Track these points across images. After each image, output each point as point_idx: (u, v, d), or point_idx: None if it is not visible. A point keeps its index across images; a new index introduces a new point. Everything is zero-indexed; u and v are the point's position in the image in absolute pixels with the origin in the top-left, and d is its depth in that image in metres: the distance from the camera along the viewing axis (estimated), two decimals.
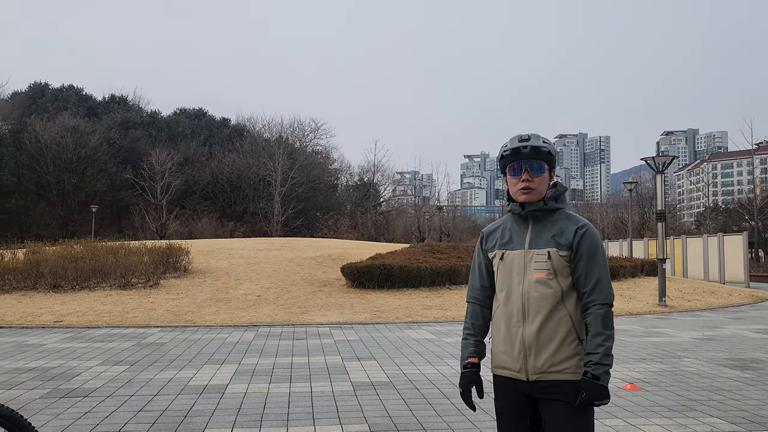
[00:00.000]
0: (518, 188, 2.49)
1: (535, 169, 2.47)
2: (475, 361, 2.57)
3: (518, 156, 2.48)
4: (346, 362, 7.88)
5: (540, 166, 2.48)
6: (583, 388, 2.32)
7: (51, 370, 7.29)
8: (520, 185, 2.48)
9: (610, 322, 2.38)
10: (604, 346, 2.34)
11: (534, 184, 2.47)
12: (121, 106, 67.05)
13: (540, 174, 2.48)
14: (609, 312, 2.39)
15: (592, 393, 2.31)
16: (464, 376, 2.55)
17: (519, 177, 2.49)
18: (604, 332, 2.36)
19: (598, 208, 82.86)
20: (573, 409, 2.35)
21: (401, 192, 78.39)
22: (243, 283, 15.78)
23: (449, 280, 16.17)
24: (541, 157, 2.47)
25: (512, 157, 2.50)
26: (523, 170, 2.48)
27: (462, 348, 2.65)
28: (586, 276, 2.42)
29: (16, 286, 14.81)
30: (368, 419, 5.21)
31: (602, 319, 2.37)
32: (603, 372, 2.32)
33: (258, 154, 58.61)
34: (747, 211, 59.36)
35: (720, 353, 8.75)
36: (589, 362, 2.34)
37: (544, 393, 2.40)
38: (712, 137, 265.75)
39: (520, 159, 2.48)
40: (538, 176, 2.48)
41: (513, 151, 2.49)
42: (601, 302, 2.39)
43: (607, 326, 2.37)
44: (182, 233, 46.13)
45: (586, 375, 2.34)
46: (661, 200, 16.42)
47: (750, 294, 19.59)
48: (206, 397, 5.95)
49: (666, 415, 5.40)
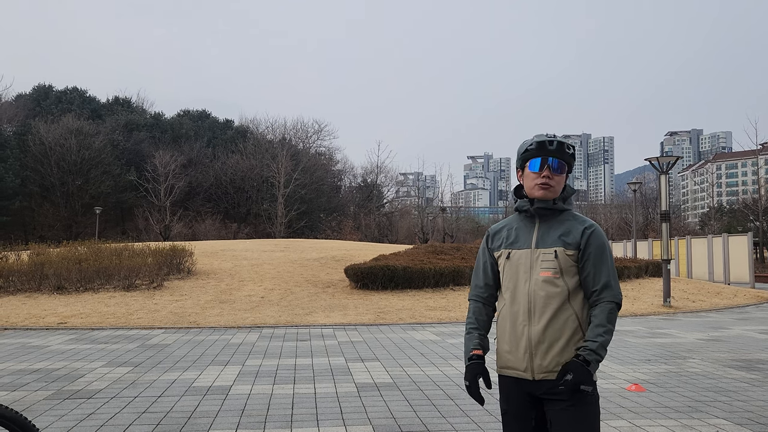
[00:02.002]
0: (537, 183, 2.49)
1: (557, 168, 2.48)
2: (480, 353, 2.54)
3: (543, 151, 2.47)
4: (349, 363, 7.87)
5: (562, 166, 2.49)
6: (572, 370, 2.29)
7: (55, 371, 7.29)
8: (539, 180, 2.48)
9: (614, 318, 2.40)
10: (604, 337, 2.35)
11: (553, 181, 2.48)
12: (125, 108, 67.27)
13: (560, 173, 2.49)
14: (615, 309, 2.41)
15: (579, 377, 2.28)
16: (470, 369, 2.52)
17: (538, 172, 2.48)
18: (606, 325, 2.37)
19: (602, 209, 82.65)
20: (579, 410, 2.33)
21: (404, 193, 78.41)
22: (246, 285, 15.79)
23: (453, 281, 16.15)
24: (564, 156, 2.49)
25: (537, 152, 2.49)
26: (545, 165, 2.47)
27: (466, 342, 2.62)
28: (595, 276, 2.42)
29: (20, 288, 14.84)
30: (372, 420, 5.19)
31: (608, 313, 2.39)
32: (595, 360, 2.32)
33: (261, 156, 58.70)
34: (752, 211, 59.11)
35: (725, 354, 8.71)
36: (585, 347, 2.33)
37: (549, 393, 2.38)
38: (716, 137, 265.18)
39: (545, 155, 2.48)
40: (558, 175, 2.49)
41: (539, 144, 2.48)
42: (609, 299, 2.41)
43: (611, 321, 2.38)
44: (186, 235, 46.24)
45: (578, 358, 2.32)
46: (665, 201, 16.37)
47: (755, 295, 19.51)
48: (210, 399, 5.94)
49: (671, 416, 5.37)
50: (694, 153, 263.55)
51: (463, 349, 2.64)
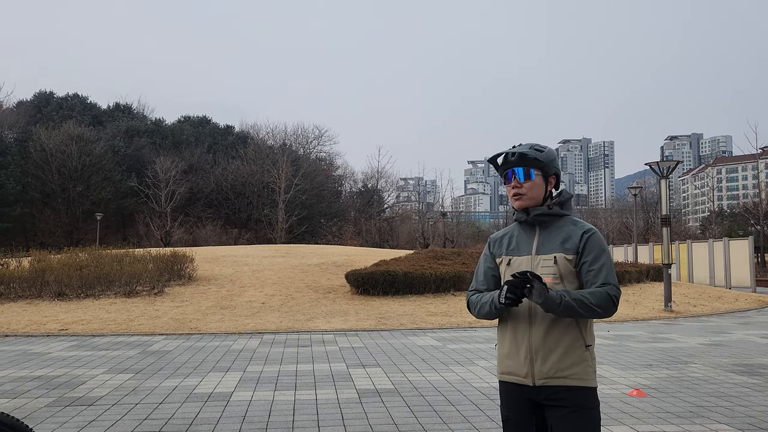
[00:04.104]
0: (510, 195, 2.58)
1: (522, 175, 2.52)
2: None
3: (506, 165, 2.57)
4: (350, 369, 7.86)
5: (528, 173, 2.52)
6: (535, 280, 2.24)
7: (56, 378, 7.29)
8: (511, 192, 2.57)
9: (604, 305, 2.33)
10: (582, 301, 2.29)
11: (523, 189, 2.53)
12: (126, 114, 67.40)
13: (529, 180, 2.52)
14: (609, 300, 2.35)
15: (539, 288, 2.23)
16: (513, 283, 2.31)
17: (510, 185, 2.57)
18: (593, 303, 2.31)
19: (602, 214, 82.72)
20: (580, 416, 2.33)
21: (405, 198, 78.33)
22: (247, 291, 15.79)
23: (454, 287, 16.14)
24: (527, 163, 2.52)
25: (504, 166, 2.59)
26: (511, 178, 2.55)
27: (488, 297, 2.49)
28: (594, 276, 2.41)
29: (21, 295, 14.84)
30: (373, 427, 5.19)
31: (601, 296, 2.33)
32: (556, 296, 2.27)
33: (262, 162, 58.75)
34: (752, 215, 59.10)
35: (727, 359, 8.70)
36: (564, 290, 2.32)
37: (550, 399, 2.39)
38: (716, 141, 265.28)
39: (508, 167, 2.56)
40: (527, 182, 2.53)
41: (503, 160, 2.59)
42: (608, 290, 2.36)
43: (599, 305, 2.32)
44: (187, 241, 46.21)
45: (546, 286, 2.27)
46: (665, 205, 16.37)
47: (756, 299, 19.47)
48: (211, 405, 5.94)
49: (673, 421, 5.37)
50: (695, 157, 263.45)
51: (485, 302, 2.48)
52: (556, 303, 2.28)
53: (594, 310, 2.32)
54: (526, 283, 2.25)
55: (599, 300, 2.34)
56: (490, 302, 2.45)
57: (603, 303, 2.34)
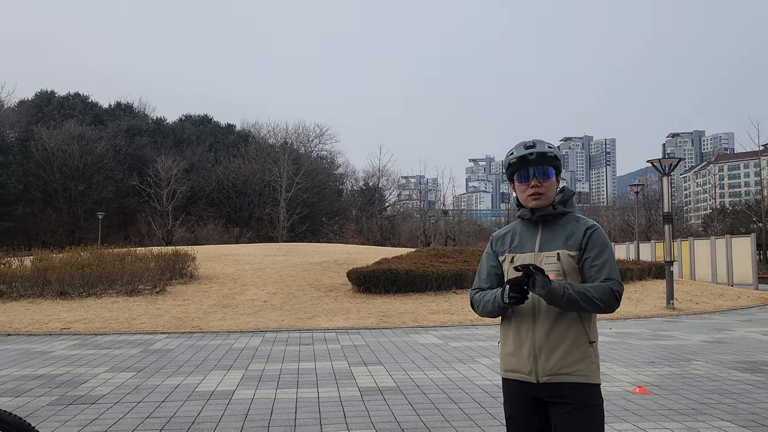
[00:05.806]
0: (528, 194, 2.50)
1: (542, 175, 2.49)
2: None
3: (525, 163, 2.49)
4: (352, 367, 7.86)
5: (547, 172, 2.49)
6: (538, 272, 2.22)
7: (58, 377, 7.30)
8: (530, 191, 2.50)
9: (606, 300, 2.32)
10: (587, 295, 2.28)
11: (543, 189, 2.49)
12: (127, 114, 67.42)
13: (548, 179, 2.50)
14: (611, 295, 2.33)
15: (542, 280, 2.21)
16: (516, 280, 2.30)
17: (527, 184, 2.50)
18: (595, 297, 2.30)
19: (604, 211, 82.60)
20: (583, 413, 2.33)
21: (406, 196, 78.28)
22: (249, 289, 15.79)
23: (455, 285, 16.13)
24: (547, 162, 2.49)
25: (519, 165, 2.51)
26: (531, 177, 2.49)
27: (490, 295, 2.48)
28: (598, 272, 2.40)
29: (23, 294, 14.86)
30: (375, 425, 5.19)
31: (604, 290, 2.32)
32: (559, 287, 2.25)
33: (263, 160, 58.77)
34: (755, 212, 58.94)
35: (729, 356, 8.68)
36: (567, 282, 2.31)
37: (554, 396, 2.38)
38: (718, 139, 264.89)
39: (527, 166, 2.49)
40: (546, 181, 2.49)
41: (519, 158, 2.50)
42: (610, 285, 2.35)
43: (602, 299, 2.31)
44: (188, 239, 46.20)
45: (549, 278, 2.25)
46: (667, 202, 16.34)
47: (759, 296, 19.45)
48: (213, 404, 5.94)
49: (676, 418, 5.36)
50: (696, 154, 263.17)
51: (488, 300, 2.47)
52: (559, 295, 2.26)
53: (596, 304, 2.31)
54: (529, 276, 2.24)
55: (602, 294, 2.32)
56: (493, 300, 2.44)
57: (606, 297, 2.32)
